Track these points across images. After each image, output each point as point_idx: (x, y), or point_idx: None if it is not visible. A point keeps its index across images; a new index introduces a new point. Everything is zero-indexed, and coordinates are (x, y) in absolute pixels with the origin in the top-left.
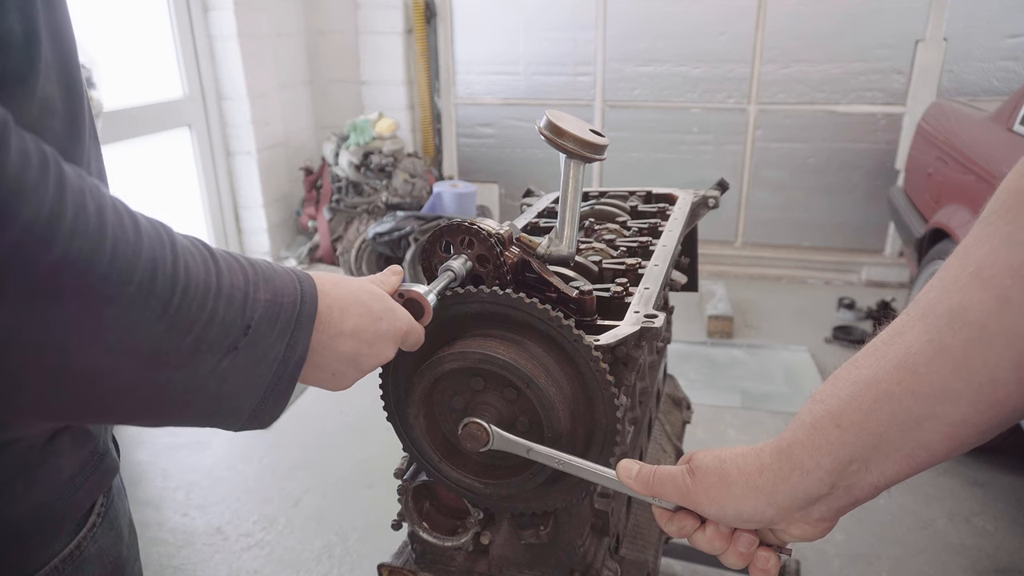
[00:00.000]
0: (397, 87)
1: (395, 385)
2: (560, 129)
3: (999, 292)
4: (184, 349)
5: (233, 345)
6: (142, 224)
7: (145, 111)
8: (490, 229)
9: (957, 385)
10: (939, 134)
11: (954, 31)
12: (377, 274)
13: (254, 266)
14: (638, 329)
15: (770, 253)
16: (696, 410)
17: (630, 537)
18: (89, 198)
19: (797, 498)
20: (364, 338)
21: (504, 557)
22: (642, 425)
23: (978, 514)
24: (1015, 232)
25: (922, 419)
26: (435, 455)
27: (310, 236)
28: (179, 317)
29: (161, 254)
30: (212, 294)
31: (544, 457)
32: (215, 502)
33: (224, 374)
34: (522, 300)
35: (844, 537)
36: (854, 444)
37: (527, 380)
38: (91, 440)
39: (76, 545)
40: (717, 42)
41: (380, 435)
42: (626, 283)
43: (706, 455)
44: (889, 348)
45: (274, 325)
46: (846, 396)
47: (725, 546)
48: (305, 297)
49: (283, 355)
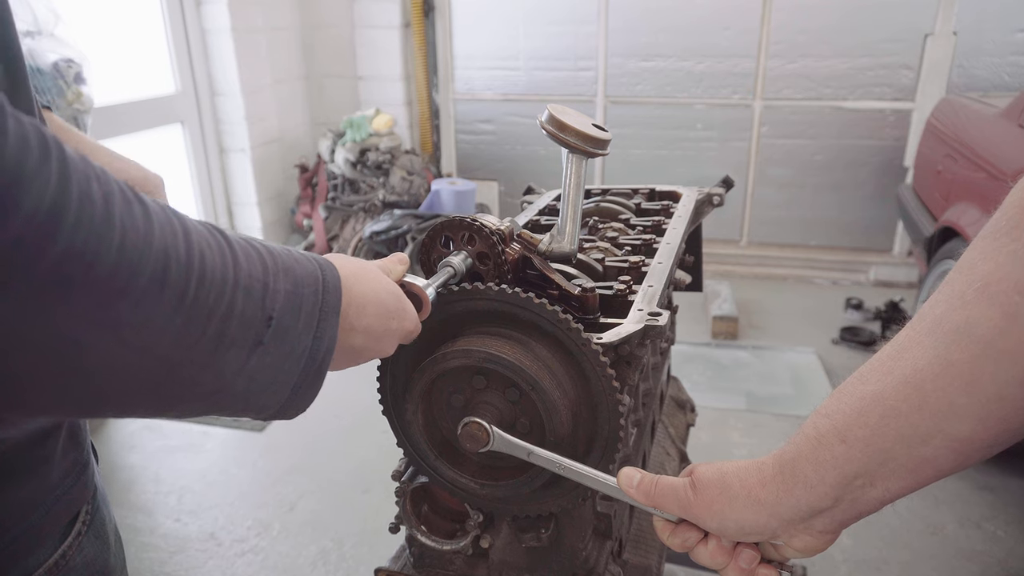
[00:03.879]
0: (394, 82)
1: (393, 379)
2: (562, 123)
3: (1006, 309)
4: (206, 344)
5: (258, 340)
6: (152, 210)
7: (136, 107)
8: (491, 225)
9: (964, 402)
10: (949, 130)
11: (964, 25)
12: (384, 260)
13: (272, 254)
14: (642, 327)
15: (776, 252)
16: (700, 413)
17: (634, 541)
18: (95, 184)
19: (801, 511)
20: (373, 335)
21: (504, 561)
22: (645, 428)
23: (989, 519)
24: (1021, 249)
25: (929, 436)
26: (431, 453)
27: (305, 235)
28: (196, 309)
29: (173, 242)
30: (230, 284)
31: (545, 461)
32: (208, 507)
33: (252, 372)
34: (531, 300)
35: (851, 542)
36: (860, 460)
37: (532, 382)
38: (75, 449)
39: (61, 554)
40: (722, 36)
41: (377, 438)
42: (629, 281)
43: (708, 468)
44: (895, 363)
45: (298, 317)
46: (852, 411)
47: (727, 561)
48: (328, 287)
49: (311, 348)
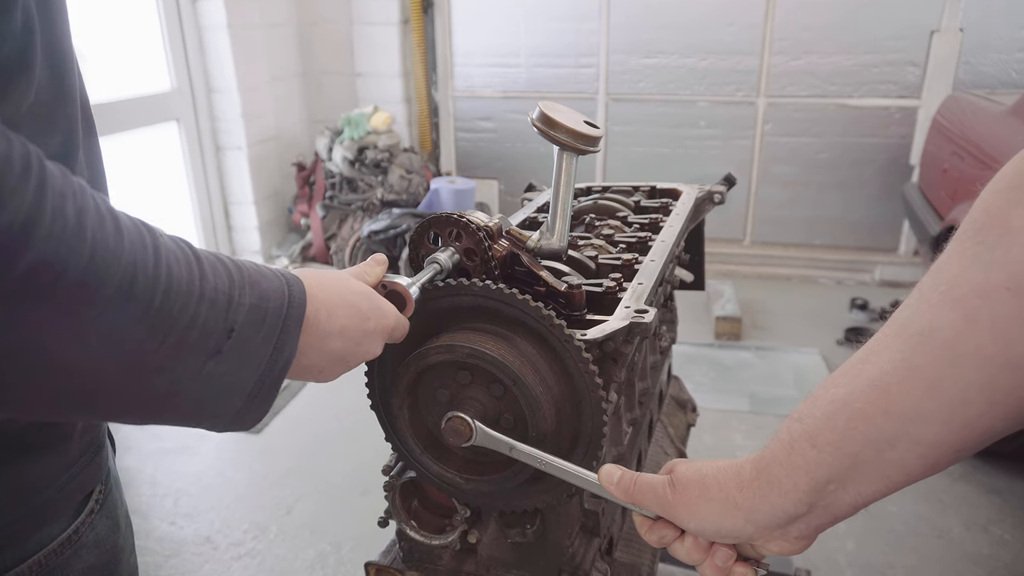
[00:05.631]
0: (393, 79)
1: (380, 374)
2: (552, 120)
3: (968, 313)
4: (165, 351)
5: (217, 348)
6: (124, 226)
7: (131, 104)
8: (478, 221)
9: (929, 406)
10: (955, 128)
11: (971, 21)
12: (360, 265)
13: (240, 269)
14: (627, 324)
15: (780, 252)
16: (703, 414)
17: (626, 540)
18: (70, 201)
19: (776, 518)
20: (352, 337)
21: (492, 556)
22: (642, 427)
23: (996, 523)
24: (983, 252)
25: (895, 440)
26: (417, 447)
27: (303, 234)
28: (160, 320)
29: (143, 257)
30: (195, 297)
31: (526, 456)
32: (204, 510)
33: (208, 377)
34: (514, 296)
35: (856, 547)
36: (830, 464)
37: (514, 378)
38: (92, 431)
39: (74, 530)
40: (725, 33)
41: (375, 440)
42: (620, 278)
43: (688, 468)
44: (864, 367)
45: (259, 328)
46: (821, 415)
47: (703, 558)
48: (293, 301)
49: (269, 358)
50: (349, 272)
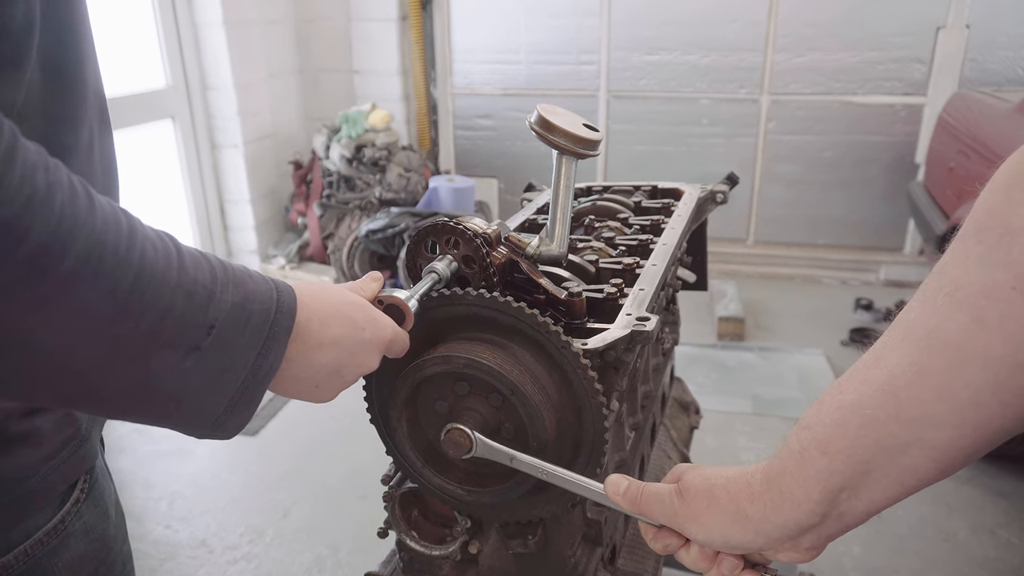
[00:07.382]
0: (391, 77)
1: (379, 387)
2: (550, 124)
3: (974, 313)
4: (138, 338)
5: (195, 344)
6: (101, 207)
7: (125, 102)
8: (476, 229)
9: (941, 410)
10: (961, 126)
11: (977, 18)
12: (356, 281)
13: (226, 268)
14: (628, 333)
15: (783, 251)
16: (706, 416)
17: (629, 548)
18: (41, 173)
19: (788, 530)
20: (346, 348)
21: (493, 567)
22: (644, 431)
23: (1002, 526)
24: (986, 252)
25: (908, 445)
26: (418, 460)
27: (300, 233)
28: (131, 302)
29: (115, 237)
30: (170, 286)
31: (528, 467)
32: (200, 513)
33: (185, 374)
34: (509, 304)
35: (861, 550)
36: (843, 472)
37: (512, 387)
38: (71, 425)
39: (60, 519)
40: (728, 29)
41: (373, 443)
42: (621, 284)
43: (695, 476)
44: (872, 372)
45: (243, 330)
46: (831, 422)
47: (709, 566)
48: (282, 307)
49: (253, 364)
50: (344, 287)
